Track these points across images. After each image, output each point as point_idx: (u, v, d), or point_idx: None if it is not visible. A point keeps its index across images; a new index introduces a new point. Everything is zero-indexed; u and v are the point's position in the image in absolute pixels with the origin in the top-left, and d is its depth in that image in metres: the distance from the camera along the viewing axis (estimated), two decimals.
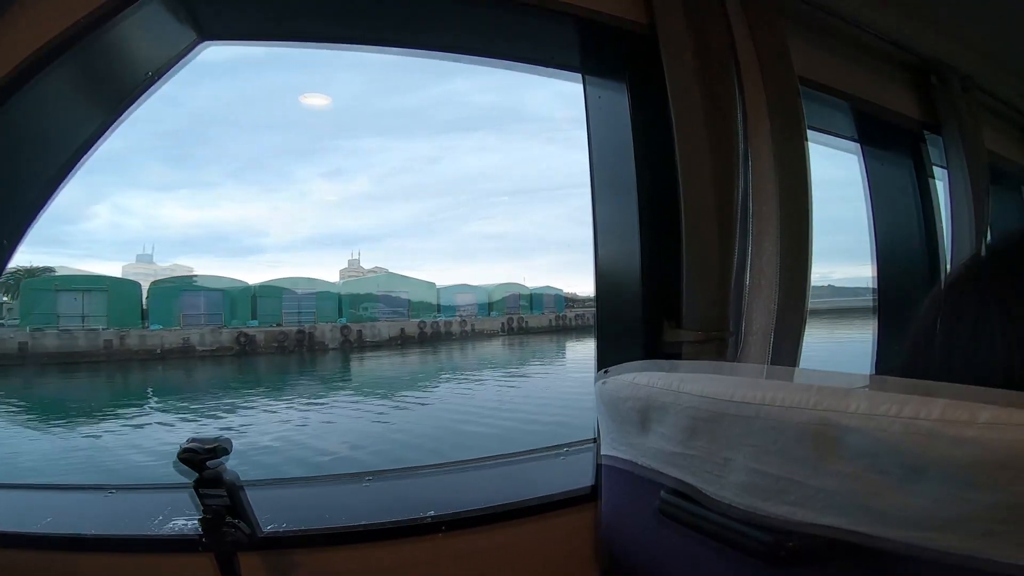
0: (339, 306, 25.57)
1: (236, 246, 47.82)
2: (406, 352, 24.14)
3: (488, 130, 30.33)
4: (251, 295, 23.48)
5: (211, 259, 44.20)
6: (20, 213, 0.87)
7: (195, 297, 21.98)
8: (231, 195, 49.81)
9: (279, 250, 49.36)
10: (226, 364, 20.37)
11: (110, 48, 0.83)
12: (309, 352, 22.90)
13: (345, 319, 25.04)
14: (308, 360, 22.27)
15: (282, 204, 51.25)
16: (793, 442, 0.48)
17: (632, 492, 0.71)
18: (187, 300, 21.56)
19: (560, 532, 0.89)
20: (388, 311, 26.66)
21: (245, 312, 22.84)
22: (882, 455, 0.42)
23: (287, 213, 50.96)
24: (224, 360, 20.58)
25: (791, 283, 1.01)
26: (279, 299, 23.70)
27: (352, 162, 55.55)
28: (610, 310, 1.08)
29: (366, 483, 0.97)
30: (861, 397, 0.43)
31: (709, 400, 0.54)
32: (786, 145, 1.05)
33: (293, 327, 23.28)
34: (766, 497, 0.51)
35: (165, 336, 20.13)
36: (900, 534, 0.42)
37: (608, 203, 1.09)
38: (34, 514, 0.80)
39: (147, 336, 19.89)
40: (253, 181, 50.91)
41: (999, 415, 0.36)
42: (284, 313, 23.76)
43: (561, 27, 1.05)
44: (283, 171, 53.05)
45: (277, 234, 51.50)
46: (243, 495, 0.68)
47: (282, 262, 48.11)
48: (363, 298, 26.70)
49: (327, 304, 25.20)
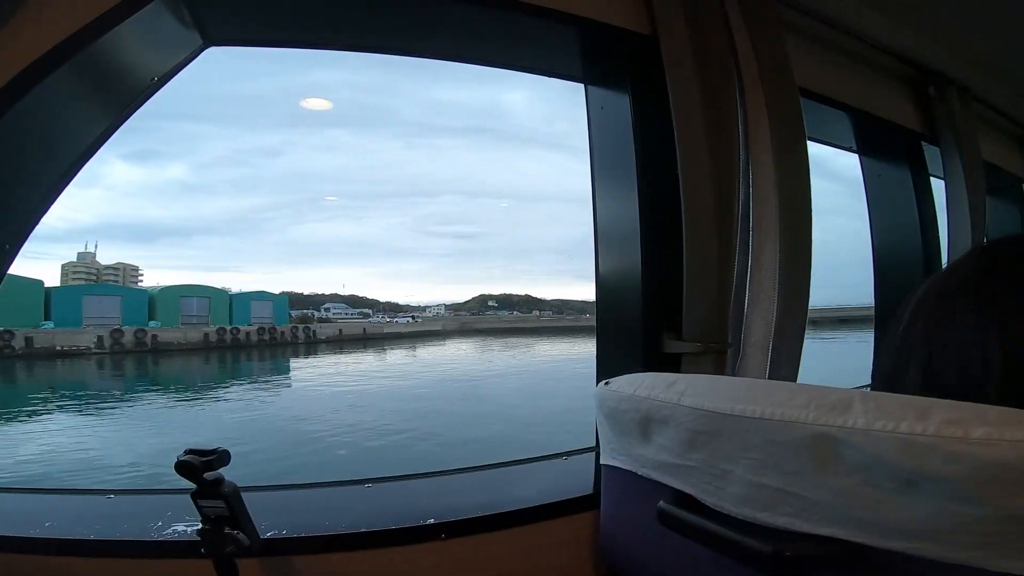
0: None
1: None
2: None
3: (346, 127, 29.71)
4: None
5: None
6: (22, 217, 0.87)
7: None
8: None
9: (49, 240, 45.41)
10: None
11: (115, 53, 0.84)
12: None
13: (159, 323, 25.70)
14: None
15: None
16: (791, 455, 0.48)
17: (632, 500, 0.71)
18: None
19: (560, 539, 0.89)
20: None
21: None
22: (878, 469, 0.43)
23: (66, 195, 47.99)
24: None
25: (791, 294, 1.02)
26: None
27: (167, 146, 53.29)
28: (610, 318, 1.09)
29: (367, 488, 0.97)
30: (859, 413, 0.44)
31: (709, 413, 0.55)
32: (787, 155, 1.06)
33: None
34: (764, 508, 0.51)
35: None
36: (896, 544, 0.43)
37: (609, 212, 1.10)
38: (34, 518, 0.80)
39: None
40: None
41: (992, 432, 0.37)
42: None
43: (564, 35, 1.05)
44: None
45: (48, 222, 48.64)
46: (242, 504, 0.68)
47: (49, 254, 43.75)
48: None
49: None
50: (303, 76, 54.16)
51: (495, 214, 51.81)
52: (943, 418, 0.40)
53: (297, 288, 27.24)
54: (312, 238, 47.37)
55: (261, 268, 49.73)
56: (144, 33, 0.85)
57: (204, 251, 42.10)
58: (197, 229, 43.72)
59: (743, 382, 0.61)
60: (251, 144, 49.12)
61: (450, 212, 46.21)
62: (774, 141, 1.05)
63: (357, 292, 30.90)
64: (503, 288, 36.32)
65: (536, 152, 48.20)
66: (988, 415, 0.39)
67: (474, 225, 47.45)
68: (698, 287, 0.97)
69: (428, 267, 38.24)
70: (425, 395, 17.05)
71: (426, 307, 50.86)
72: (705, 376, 0.68)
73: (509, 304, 56.95)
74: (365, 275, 59.24)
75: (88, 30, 0.75)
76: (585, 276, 26.37)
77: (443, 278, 43.65)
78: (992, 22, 1.52)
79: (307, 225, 47.97)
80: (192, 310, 30.07)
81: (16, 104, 0.73)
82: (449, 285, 37.25)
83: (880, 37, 1.47)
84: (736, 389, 0.55)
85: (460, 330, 50.17)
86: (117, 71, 0.88)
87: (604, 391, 0.71)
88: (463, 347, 37.57)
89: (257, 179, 50.03)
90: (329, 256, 48.37)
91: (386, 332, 41.13)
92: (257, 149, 49.17)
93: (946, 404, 0.41)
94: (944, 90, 1.68)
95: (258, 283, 34.39)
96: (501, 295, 56.35)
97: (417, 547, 0.82)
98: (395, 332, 42.29)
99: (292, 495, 0.96)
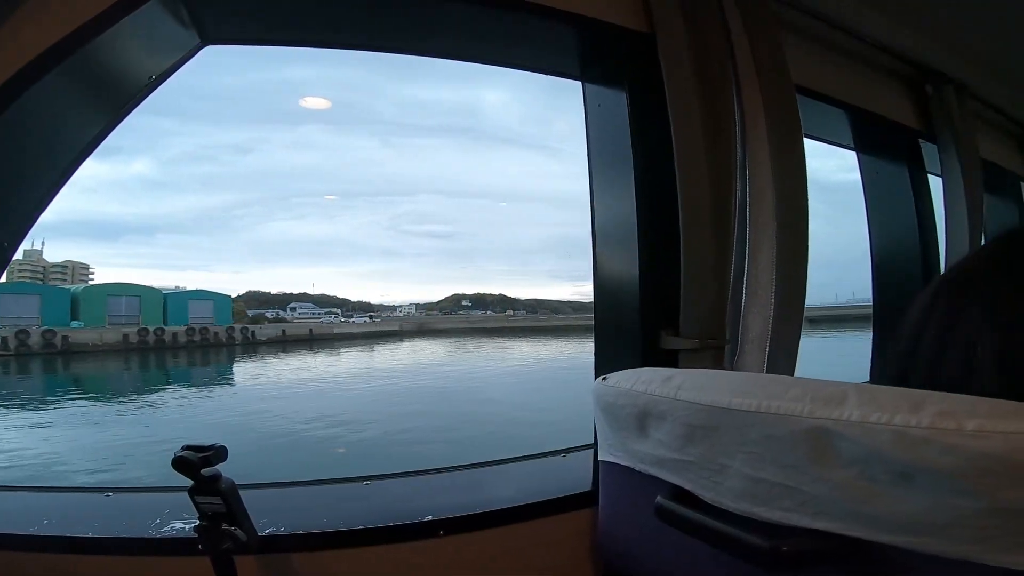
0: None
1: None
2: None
3: (317, 124, 28.33)
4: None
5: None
6: (21, 215, 0.87)
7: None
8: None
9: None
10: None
11: (113, 52, 0.84)
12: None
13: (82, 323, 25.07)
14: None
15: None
16: (787, 449, 0.48)
17: (630, 495, 0.71)
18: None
19: (558, 535, 0.89)
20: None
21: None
22: (873, 462, 0.43)
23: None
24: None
25: (787, 291, 1.02)
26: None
27: (131, 140, 52.63)
28: (608, 316, 1.09)
29: (364, 485, 0.97)
30: (853, 406, 0.44)
31: (706, 408, 0.55)
32: (783, 153, 1.07)
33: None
34: (762, 502, 0.52)
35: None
36: (891, 538, 0.43)
37: (607, 210, 1.10)
38: (32, 516, 0.81)
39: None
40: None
41: (985, 424, 0.38)
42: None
43: (561, 33, 1.05)
44: None
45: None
46: (239, 501, 0.68)
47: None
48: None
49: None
50: (276, 72, 53.36)
51: (471, 213, 52.07)
52: (936, 410, 0.40)
53: (264, 287, 26.38)
54: (283, 237, 46.59)
55: (229, 267, 48.88)
56: (142, 32, 0.85)
57: (169, 249, 41.62)
58: (162, 227, 43.24)
59: (739, 376, 0.61)
60: (222, 140, 48.45)
61: (426, 211, 46.37)
62: (771, 139, 1.05)
63: (328, 292, 30.12)
64: (478, 288, 36.26)
65: (514, 152, 48.09)
66: (980, 407, 0.39)
67: (450, 224, 47.62)
68: (696, 284, 0.97)
69: (403, 267, 38.14)
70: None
71: (397, 307, 49.34)
72: (702, 371, 0.69)
73: (483, 304, 56.28)
74: (338, 275, 58.52)
75: (86, 29, 0.75)
76: (560, 276, 25.81)
77: (419, 278, 43.65)
78: (990, 20, 1.53)
79: (278, 223, 47.14)
80: (121, 310, 28.91)
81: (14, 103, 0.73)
82: (425, 285, 37.19)
83: (878, 35, 1.47)
84: (732, 383, 0.55)
85: (419, 330, 48.18)
86: (115, 70, 0.88)
87: (602, 386, 0.71)
88: (430, 347, 35.80)
89: (227, 176, 49.29)
90: (300, 255, 47.59)
91: (336, 333, 39.49)
92: (228, 146, 48.35)
93: (939, 396, 0.41)
94: (942, 88, 1.68)
95: (225, 282, 34.36)
96: (475, 295, 55.37)
97: (415, 544, 0.82)
98: (346, 332, 40.43)
99: (289, 492, 0.96)
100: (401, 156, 46.32)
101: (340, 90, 49.87)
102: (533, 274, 60.95)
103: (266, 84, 51.90)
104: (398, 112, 51.29)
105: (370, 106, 52.00)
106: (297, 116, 48.18)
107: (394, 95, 51.39)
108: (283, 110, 49.87)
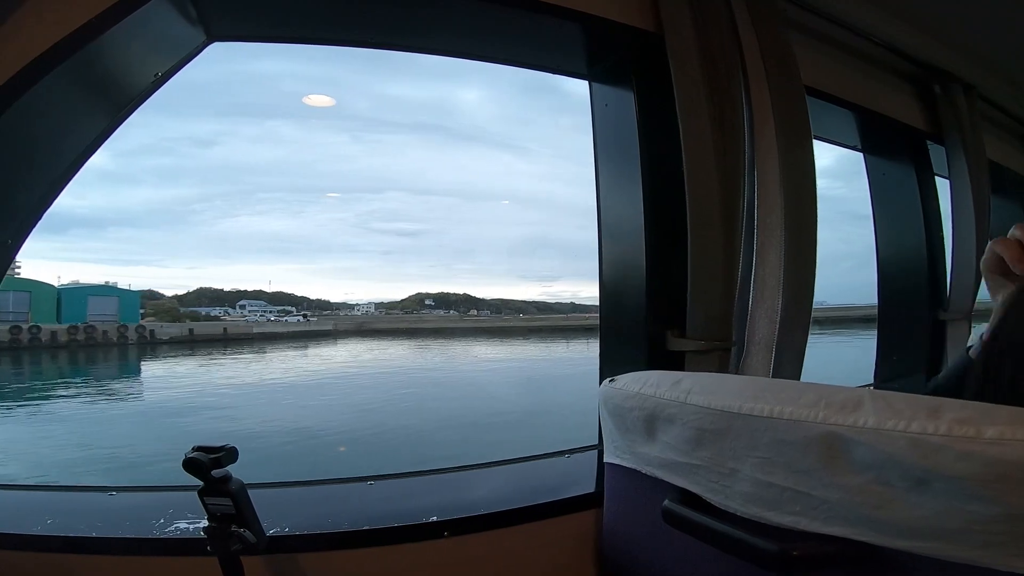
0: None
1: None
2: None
3: (283, 119, 25.42)
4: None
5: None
6: (25, 213, 0.87)
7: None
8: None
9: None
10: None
11: (119, 50, 0.83)
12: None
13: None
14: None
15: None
16: (800, 454, 0.48)
17: (635, 498, 0.71)
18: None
19: (563, 537, 0.89)
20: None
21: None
22: (888, 468, 0.43)
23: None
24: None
25: (795, 293, 1.01)
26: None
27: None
28: (614, 317, 1.08)
29: (369, 486, 0.97)
30: (869, 412, 0.44)
31: (716, 411, 0.55)
32: (791, 154, 1.06)
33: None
34: (772, 507, 0.51)
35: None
36: (904, 544, 0.43)
37: (613, 210, 1.09)
38: (35, 515, 0.80)
39: None
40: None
41: (1004, 431, 0.37)
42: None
43: (569, 32, 1.05)
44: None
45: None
46: (248, 502, 0.68)
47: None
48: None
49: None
50: (243, 64, 52.07)
51: (440, 212, 51.55)
52: (954, 417, 0.40)
53: (221, 284, 24.75)
54: (243, 232, 44.93)
55: (185, 263, 46.97)
56: (147, 29, 0.85)
57: (120, 244, 40.11)
58: (115, 220, 41.51)
59: (750, 380, 0.60)
60: (184, 133, 47.22)
61: (394, 209, 45.87)
62: (780, 139, 1.05)
63: (287, 289, 28.77)
64: (444, 287, 35.71)
65: (485, 151, 47.49)
66: (999, 414, 0.39)
67: (419, 223, 47.17)
68: (702, 285, 0.96)
69: (370, 264, 37.98)
70: None
71: (355, 305, 46.24)
72: (711, 374, 0.68)
73: (446, 303, 54.76)
74: (301, 272, 56.57)
75: (92, 26, 0.75)
76: (527, 276, 24.59)
77: (384, 276, 43.32)
78: (998, 21, 1.51)
79: (239, 218, 45.58)
80: (8, 306, 27.08)
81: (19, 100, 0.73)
82: (391, 283, 36.88)
83: (886, 36, 1.46)
84: (744, 387, 0.55)
85: (358, 330, 44.56)
86: (120, 67, 0.87)
87: (609, 389, 0.71)
88: (367, 350, 31.80)
89: (188, 169, 47.81)
90: (262, 252, 45.87)
91: (255, 333, 36.32)
92: (189, 138, 46.95)
93: (957, 403, 0.41)
94: (950, 89, 1.67)
95: (179, 278, 33.84)
96: (439, 294, 53.72)
97: (420, 545, 0.82)
98: (269, 332, 37.13)
99: (295, 492, 0.96)
100: (371, 153, 45.89)
101: (313, 85, 49.28)
102: (500, 274, 60.06)
103: (234, 77, 50.93)
104: (370, 108, 50.69)
105: (341, 101, 51.33)
106: (265, 110, 46.63)
107: (366, 91, 50.67)
108: (251, 103, 48.60)
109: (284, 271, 58.22)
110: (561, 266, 34.07)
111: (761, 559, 0.50)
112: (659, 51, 1.00)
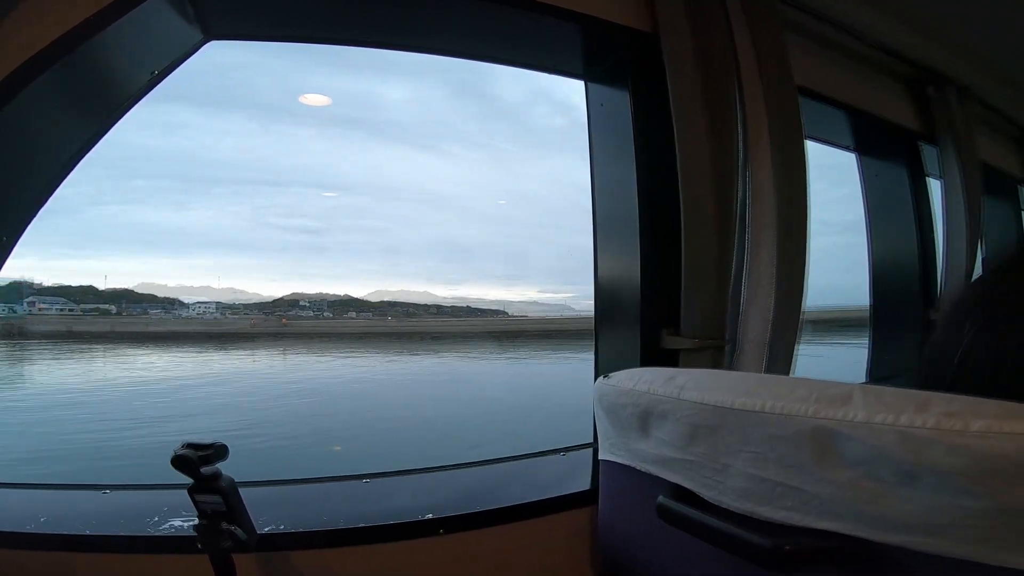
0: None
1: None
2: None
3: (181, 103, 20.99)
4: None
5: None
6: (21, 209, 0.87)
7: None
8: None
9: None
10: None
11: (116, 48, 0.83)
12: None
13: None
14: None
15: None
16: (791, 449, 0.48)
17: (630, 495, 0.71)
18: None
19: (558, 534, 0.89)
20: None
21: None
22: (878, 462, 0.43)
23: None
24: None
25: (787, 291, 1.02)
26: None
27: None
28: (609, 315, 1.09)
29: (364, 483, 0.97)
30: (858, 406, 0.44)
31: (710, 407, 0.55)
32: (785, 153, 1.07)
33: None
34: (764, 502, 0.52)
35: None
36: (895, 538, 0.43)
37: (609, 209, 1.10)
38: (28, 513, 0.80)
39: None
40: None
41: (991, 425, 0.37)
42: None
43: (565, 32, 1.05)
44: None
45: None
46: (239, 499, 0.67)
47: None
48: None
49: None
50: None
51: (348, 210, 44.56)
52: (942, 411, 0.40)
53: (61, 279, 17.85)
54: (112, 222, 32.59)
55: (19, 250, 35.00)
56: (145, 27, 0.85)
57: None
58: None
59: (743, 376, 0.61)
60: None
61: (297, 204, 38.76)
62: (773, 139, 1.05)
63: (141, 283, 23.15)
64: (347, 288, 31.26)
65: (402, 150, 40.68)
66: (986, 408, 0.39)
67: (323, 220, 40.13)
68: (696, 283, 0.97)
69: (262, 263, 31.14)
70: None
71: (191, 304, 40.32)
72: (705, 371, 0.68)
73: (320, 305, 49.37)
74: (170, 267, 42.14)
75: (89, 24, 0.75)
76: (435, 278, 22.17)
77: (274, 273, 36.38)
78: (992, 22, 1.53)
79: (106, 207, 33.15)
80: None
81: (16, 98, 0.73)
82: (283, 282, 30.70)
83: (880, 36, 1.47)
84: (736, 383, 0.55)
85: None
86: (117, 66, 0.87)
87: (603, 385, 0.71)
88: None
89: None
90: (127, 243, 33.01)
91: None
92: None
93: (945, 397, 0.41)
94: (943, 90, 1.69)
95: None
96: (316, 294, 49.22)
97: (415, 542, 0.82)
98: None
99: (289, 490, 0.96)
100: (278, 143, 37.62)
101: (224, 72, 38.10)
102: (406, 276, 51.92)
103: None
104: (282, 98, 42.06)
105: (252, 88, 41.12)
106: (162, 95, 37.30)
107: (280, 82, 40.93)
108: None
109: (154, 266, 40.65)
110: (465, 268, 30.34)
111: (754, 555, 0.50)
112: (655, 52, 1.01)
